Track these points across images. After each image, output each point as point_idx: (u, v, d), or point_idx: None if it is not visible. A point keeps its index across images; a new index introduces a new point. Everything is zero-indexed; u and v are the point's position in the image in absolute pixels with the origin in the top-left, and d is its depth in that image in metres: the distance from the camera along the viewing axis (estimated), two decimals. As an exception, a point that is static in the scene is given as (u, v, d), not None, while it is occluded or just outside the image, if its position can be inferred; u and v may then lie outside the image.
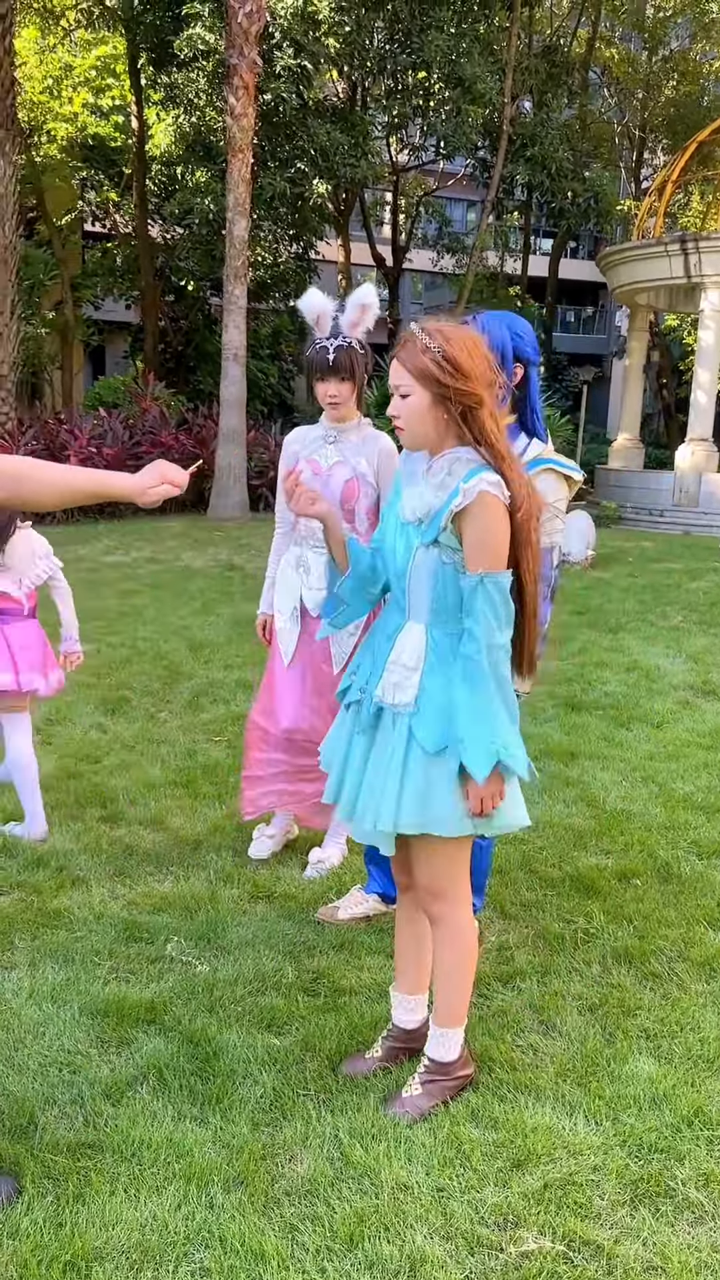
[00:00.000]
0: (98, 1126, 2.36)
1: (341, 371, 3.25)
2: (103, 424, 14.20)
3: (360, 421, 3.42)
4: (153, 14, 17.46)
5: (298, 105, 16.36)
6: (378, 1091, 2.51)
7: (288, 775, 3.59)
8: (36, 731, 5.03)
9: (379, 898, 3.30)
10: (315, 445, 3.44)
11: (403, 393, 2.22)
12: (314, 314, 3.28)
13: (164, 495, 2.15)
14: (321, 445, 3.43)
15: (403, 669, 2.32)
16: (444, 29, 16.84)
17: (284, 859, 3.77)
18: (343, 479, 3.38)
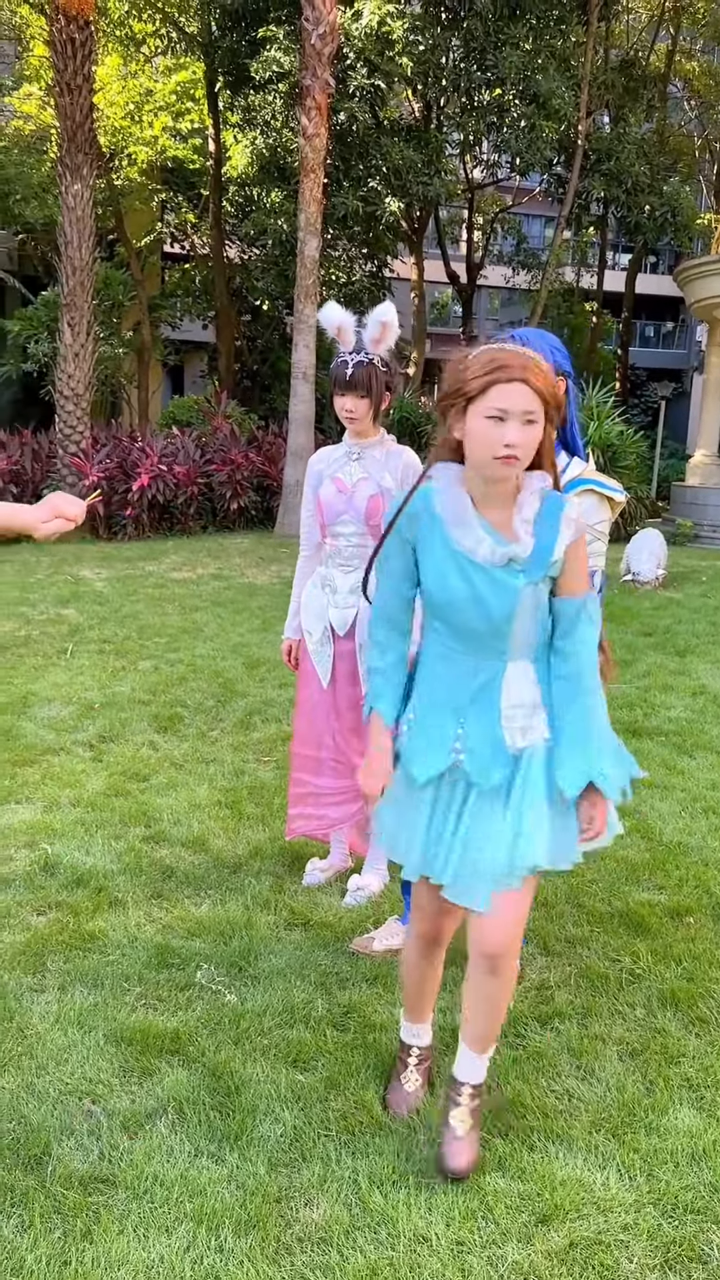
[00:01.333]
0: (113, 1160, 2.31)
1: (359, 388, 3.22)
2: (174, 442, 14.36)
3: (382, 437, 3.40)
4: (230, 39, 17.71)
5: (371, 124, 16.42)
6: (400, 1134, 2.41)
7: (315, 798, 3.60)
8: (89, 748, 5.07)
9: None
10: (339, 463, 3.42)
11: (530, 419, 2.04)
12: (333, 327, 3.26)
13: (59, 529, 2.21)
14: (345, 462, 3.41)
15: (525, 711, 2.21)
16: (519, 45, 16.76)
17: (325, 886, 3.70)
18: (367, 494, 3.36)
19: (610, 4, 19.91)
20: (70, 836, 4.02)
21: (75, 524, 2.25)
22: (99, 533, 13.45)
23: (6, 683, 6.17)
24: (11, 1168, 2.27)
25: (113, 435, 14.87)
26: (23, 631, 7.62)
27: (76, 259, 13.75)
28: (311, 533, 3.55)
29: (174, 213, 23.41)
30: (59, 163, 13.91)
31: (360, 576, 3.41)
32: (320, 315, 3.29)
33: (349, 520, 3.37)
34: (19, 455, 14.14)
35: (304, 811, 3.63)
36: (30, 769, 4.76)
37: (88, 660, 6.81)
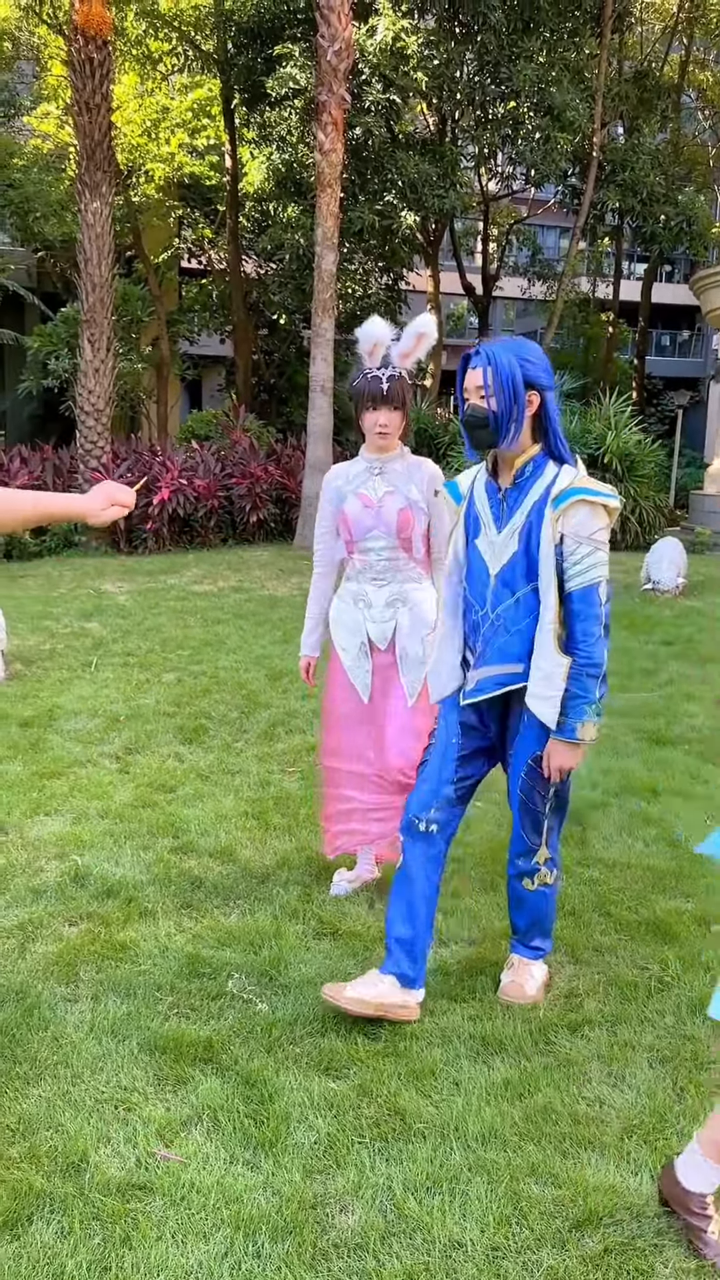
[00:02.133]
0: (149, 1168, 2.34)
1: (394, 401, 3.26)
2: (194, 456, 14.46)
3: (402, 450, 3.43)
4: (245, 56, 17.86)
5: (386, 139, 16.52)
6: (435, 1139, 2.43)
7: (360, 814, 3.61)
8: (115, 760, 5.11)
9: (395, 980, 2.88)
10: (361, 478, 3.43)
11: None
12: (371, 343, 3.28)
13: (115, 515, 2.30)
14: (368, 477, 3.42)
15: None
16: (533, 58, 16.83)
17: (352, 895, 3.72)
18: (396, 508, 3.39)
19: (623, 16, 19.97)
20: (99, 847, 4.06)
21: (128, 510, 2.33)
22: (120, 546, 13.54)
23: (33, 696, 6.23)
24: (50, 1175, 2.30)
25: (133, 449, 14.99)
26: (47, 645, 7.69)
27: (96, 275, 13.88)
28: (328, 550, 3.57)
29: (191, 228, 23.59)
30: (78, 180, 14.07)
31: (395, 589, 3.47)
32: (361, 331, 3.29)
33: (379, 535, 3.39)
34: (40, 470, 14.26)
35: (348, 828, 3.64)
36: (58, 781, 4.81)
37: (112, 673, 6.86)
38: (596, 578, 2.73)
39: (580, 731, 2.76)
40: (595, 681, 2.74)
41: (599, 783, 4.88)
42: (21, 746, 5.29)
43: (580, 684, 2.74)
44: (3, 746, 5.28)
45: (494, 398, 2.69)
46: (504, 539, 2.81)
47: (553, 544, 2.72)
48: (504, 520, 2.82)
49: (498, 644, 2.84)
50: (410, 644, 3.46)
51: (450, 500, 2.99)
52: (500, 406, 2.69)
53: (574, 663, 2.73)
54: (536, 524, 2.76)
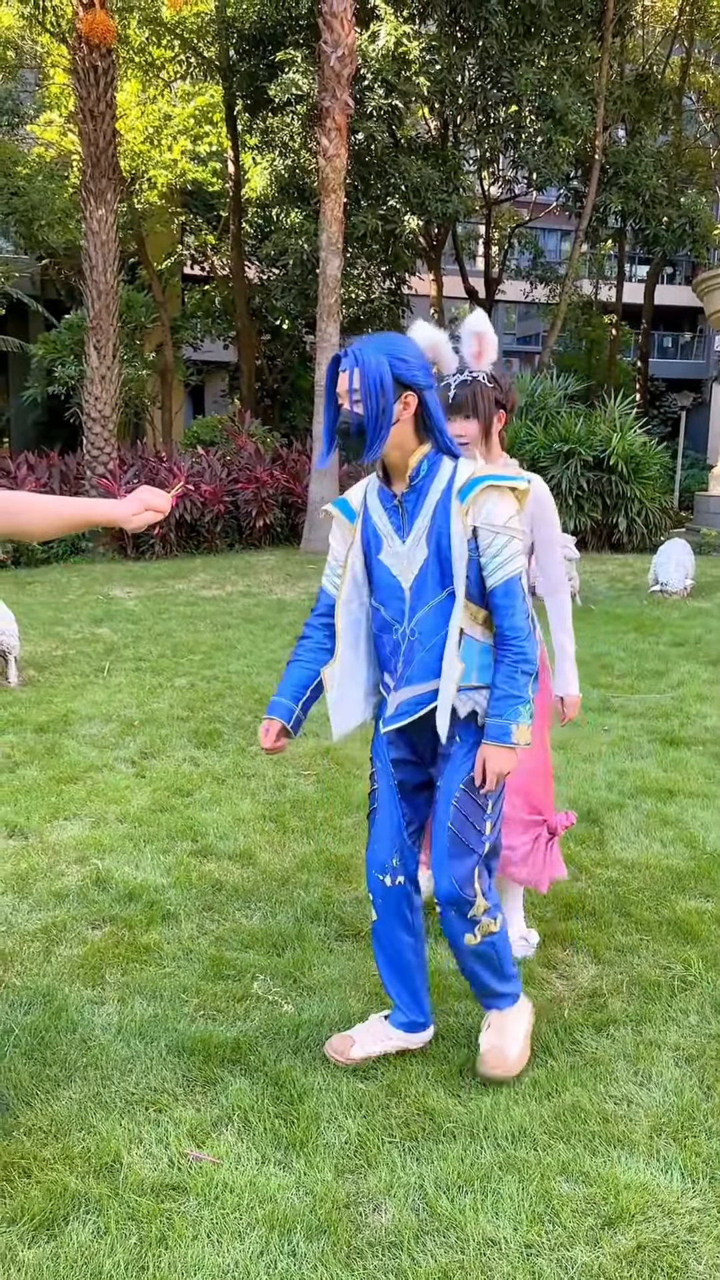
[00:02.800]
0: (182, 1168, 2.35)
1: (465, 409, 2.98)
2: (201, 461, 14.50)
3: (503, 462, 3.13)
4: (248, 62, 17.93)
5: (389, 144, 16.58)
6: (464, 1139, 2.44)
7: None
8: (131, 764, 5.13)
9: (404, 1030, 2.76)
10: None
11: None
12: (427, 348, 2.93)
13: (149, 521, 2.33)
14: None
15: None
16: (535, 62, 16.89)
17: (372, 897, 3.73)
18: None
19: (624, 19, 20.03)
20: (119, 851, 4.07)
21: (163, 515, 2.36)
22: (127, 552, 13.57)
23: (47, 701, 6.25)
24: (84, 1175, 2.32)
25: (139, 456, 15.03)
26: (60, 651, 7.71)
27: (101, 283, 13.93)
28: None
29: (194, 235, 23.66)
30: (82, 188, 14.13)
31: None
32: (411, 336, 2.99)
33: None
34: (48, 477, 14.30)
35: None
36: (75, 786, 4.83)
37: (125, 678, 6.88)
38: (517, 568, 2.53)
39: (515, 734, 2.51)
40: (529, 680, 2.54)
41: (615, 784, 4.90)
42: (38, 751, 5.31)
43: (514, 683, 2.51)
44: (20, 751, 5.31)
45: (360, 403, 2.43)
46: (410, 548, 2.57)
47: (464, 540, 2.49)
48: (406, 528, 2.58)
49: (418, 660, 2.60)
50: None
51: (342, 519, 2.68)
52: (368, 410, 2.42)
53: (505, 660, 2.52)
54: (444, 523, 2.53)
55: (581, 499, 14.10)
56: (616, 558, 13.32)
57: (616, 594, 10.61)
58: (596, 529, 14.32)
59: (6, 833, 4.29)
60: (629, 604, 9.91)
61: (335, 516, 2.72)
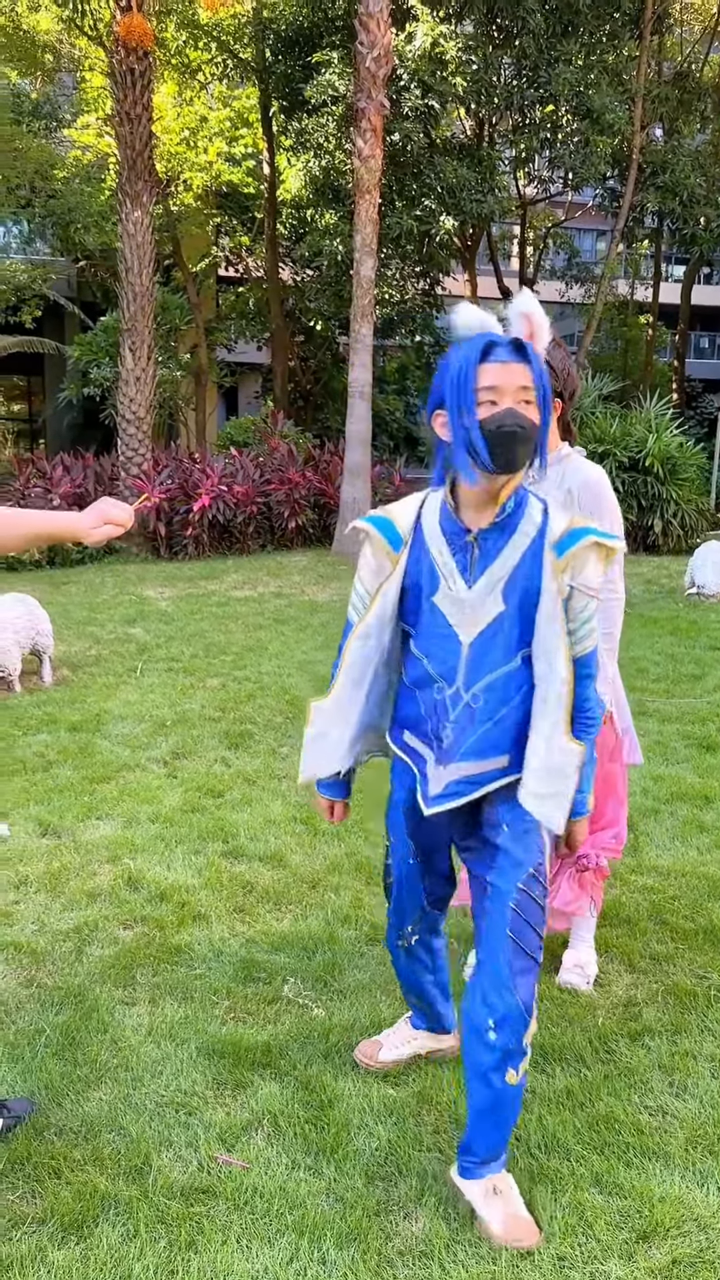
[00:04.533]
0: (211, 1171, 2.34)
1: None
2: (234, 463, 14.53)
3: (562, 452, 2.89)
4: (284, 64, 17.95)
5: (425, 144, 16.53)
6: (496, 1150, 2.41)
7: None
8: (163, 764, 5.14)
9: (428, 1031, 2.74)
10: None
11: None
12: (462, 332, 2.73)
13: (109, 534, 2.26)
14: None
15: None
16: (572, 62, 16.77)
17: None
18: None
19: (663, 18, 19.86)
20: (151, 851, 4.08)
21: (124, 528, 2.28)
22: (160, 552, 13.63)
23: (80, 701, 6.28)
24: (114, 1177, 2.31)
25: (173, 457, 15.08)
26: (93, 651, 7.75)
27: (137, 284, 14.00)
28: None
29: (229, 236, 23.72)
30: (119, 190, 14.20)
31: None
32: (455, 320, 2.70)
33: None
34: (83, 478, 14.39)
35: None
36: (108, 785, 4.84)
37: (157, 678, 6.90)
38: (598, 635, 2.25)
39: (590, 800, 2.30)
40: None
41: (650, 789, 4.84)
42: (71, 751, 5.33)
43: (590, 752, 2.23)
44: (53, 750, 5.33)
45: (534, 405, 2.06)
46: (480, 595, 2.14)
47: (559, 600, 2.10)
48: (476, 571, 2.14)
49: (479, 734, 2.18)
50: None
51: (382, 542, 2.23)
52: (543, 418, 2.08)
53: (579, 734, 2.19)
54: (533, 576, 2.13)
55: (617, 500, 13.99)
56: (652, 560, 13.20)
57: (652, 597, 10.51)
58: (632, 531, 14.19)
59: (40, 831, 4.30)
60: (665, 607, 9.81)
61: (371, 537, 2.25)
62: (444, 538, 2.18)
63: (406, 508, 2.26)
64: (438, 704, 2.21)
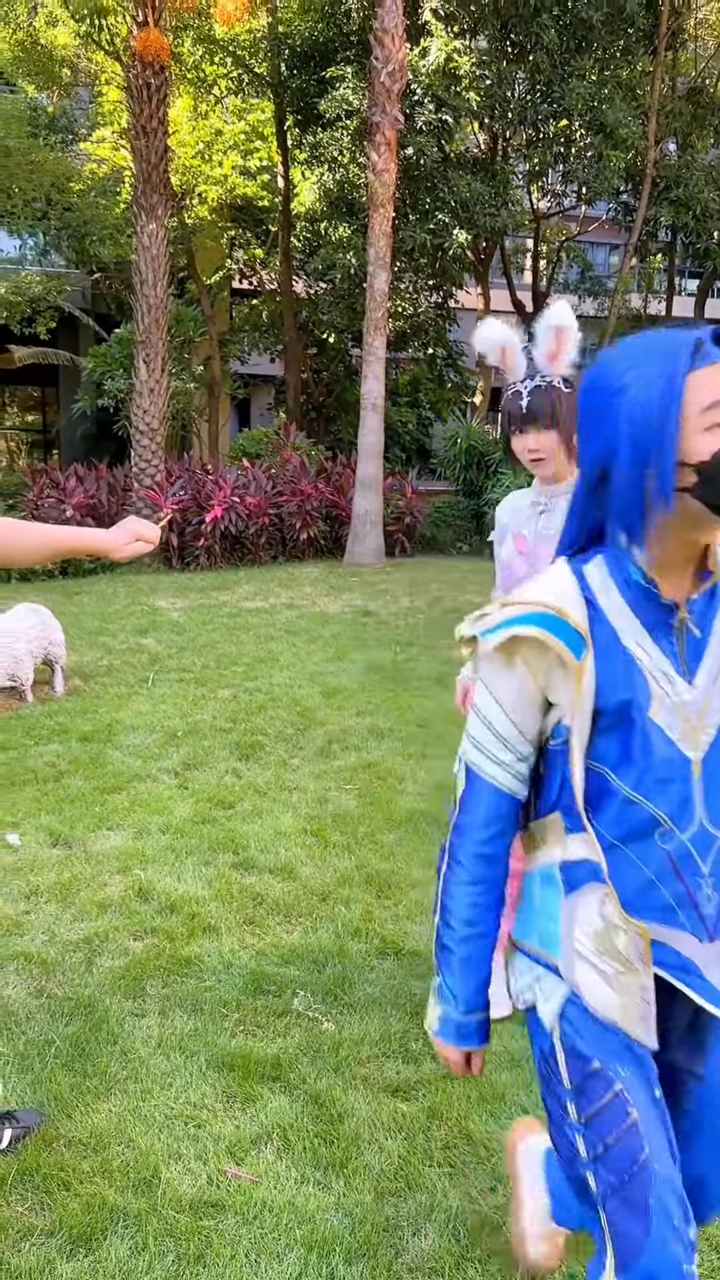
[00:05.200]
0: (220, 1185, 2.34)
1: (541, 418, 2.54)
2: (246, 474, 14.57)
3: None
4: (299, 78, 18.07)
5: (439, 158, 16.61)
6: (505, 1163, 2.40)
7: None
8: (174, 775, 5.15)
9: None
10: (524, 515, 2.71)
11: None
12: (495, 350, 2.60)
13: (138, 551, 2.29)
14: (532, 515, 2.69)
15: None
16: (586, 77, 16.84)
17: (417, 918, 3.70)
18: (548, 558, 2.56)
19: (677, 34, 19.93)
20: (161, 862, 4.08)
21: (152, 546, 2.35)
22: (172, 563, 13.66)
23: (92, 711, 6.29)
24: (123, 1190, 2.31)
25: (186, 468, 15.13)
26: (105, 661, 7.77)
27: (152, 297, 14.07)
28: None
29: (243, 249, 23.85)
30: (134, 203, 14.30)
31: None
32: (476, 339, 2.64)
33: None
34: (96, 489, 14.45)
35: None
36: (119, 796, 4.85)
37: (168, 689, 6.91)
38: None
39: None
40: None
41: None
42: (82, 761, 5.34)
43: None
44: (65, 760, 5.34)
45: None
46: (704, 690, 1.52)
47: None
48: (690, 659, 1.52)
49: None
50: None
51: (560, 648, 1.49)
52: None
53: None
54: None
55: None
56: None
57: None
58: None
59: (51, 841, 4.31)
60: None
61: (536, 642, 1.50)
62: (637, 620, 1.51)
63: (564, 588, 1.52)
64: (675, 857, 1.51)
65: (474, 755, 1.59)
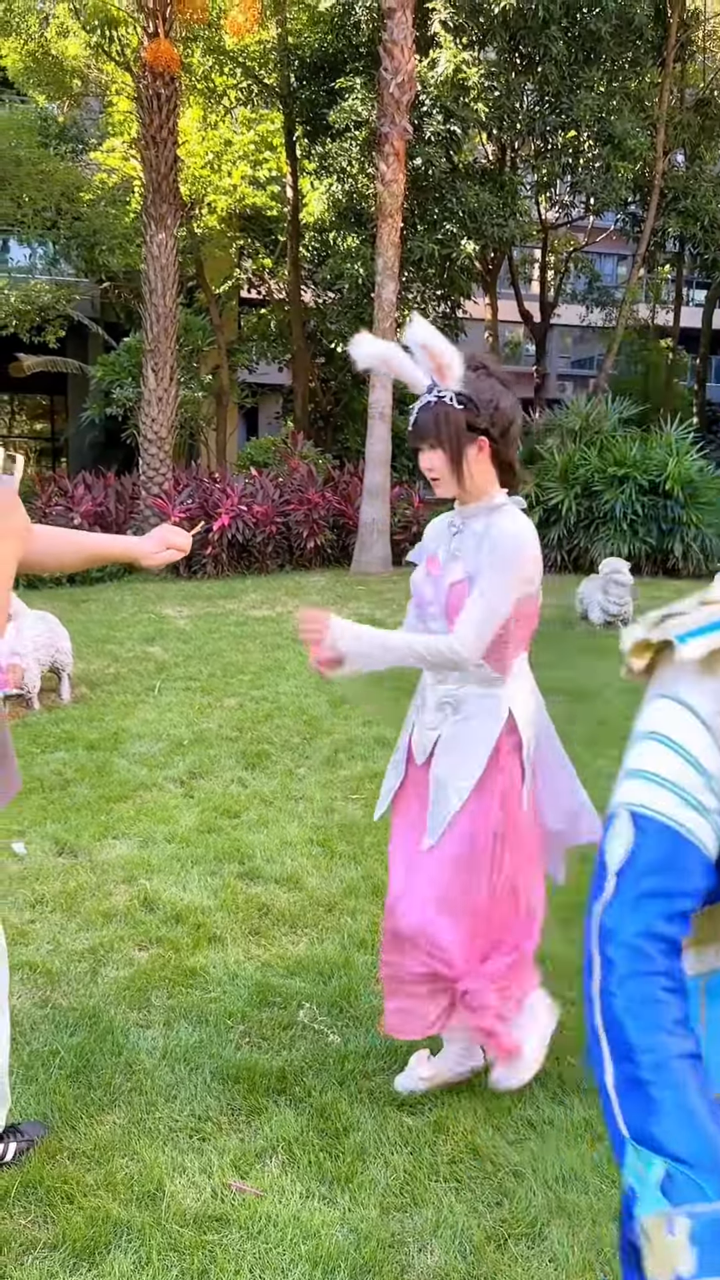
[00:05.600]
0: (225, 1199, 2.32)
1: (427, 436, 2.42)
2: (253, 483, 14.59)
3: (494, 501, 2.48)
4: (308, 89, 18.15)
5: (447, 169, 16.66)
6: (512, 1180, 2.38)
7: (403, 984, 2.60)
8: (180, 784, 5.14)
9: None
10: (442, 537, 2.58)
11: None
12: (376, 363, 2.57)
13: (169, 559, 2.34)
14: (447, 537, 2.56)
15: None
16: (594, 88, 16.90)
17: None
18: (449, 581, 2.47)
19: (685, 46, 19.98)
20: (167, 872, 4.07)
21: (184, 553, 2.39)
22: (179, 571, 13.68)
23: (99, 719, 6.29)
24: (126, 1203, 2.29)
25: (194, 477, 15.17)
26: (112, 669, 7.77)
27: (160, 306, 14.12)
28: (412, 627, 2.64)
29: (251, 259, 23.93)
30: (143, 213, 14.36)
31: (451, 690, 2.52)
32: (353, 352, 2.58)
33: (437, 615, 2.49)
34: (104, 497, 14.49)
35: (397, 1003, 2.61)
36: (124, 804, 4.84)
37: (175, 697, 6.91)
38: None
39: None
40: None
41: None
42: (89, 769, 5.34)
43: None
44: (71, 769, 5.34)
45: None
46: None
47: None
48: None
49: None
50: (445, 765, 2.51)
51: None
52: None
53: None
54: None
55: (636, 524, 13.97)
56: (672, 583, 13.14)
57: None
58: (651, 554, 14.16)
59: (57, 850, 4.30)
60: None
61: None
62: None
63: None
64: None
65: (650, 796, 1.10)
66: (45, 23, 18.00)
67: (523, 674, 2.57)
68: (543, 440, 15.45)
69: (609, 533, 13.99)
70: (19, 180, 16.35)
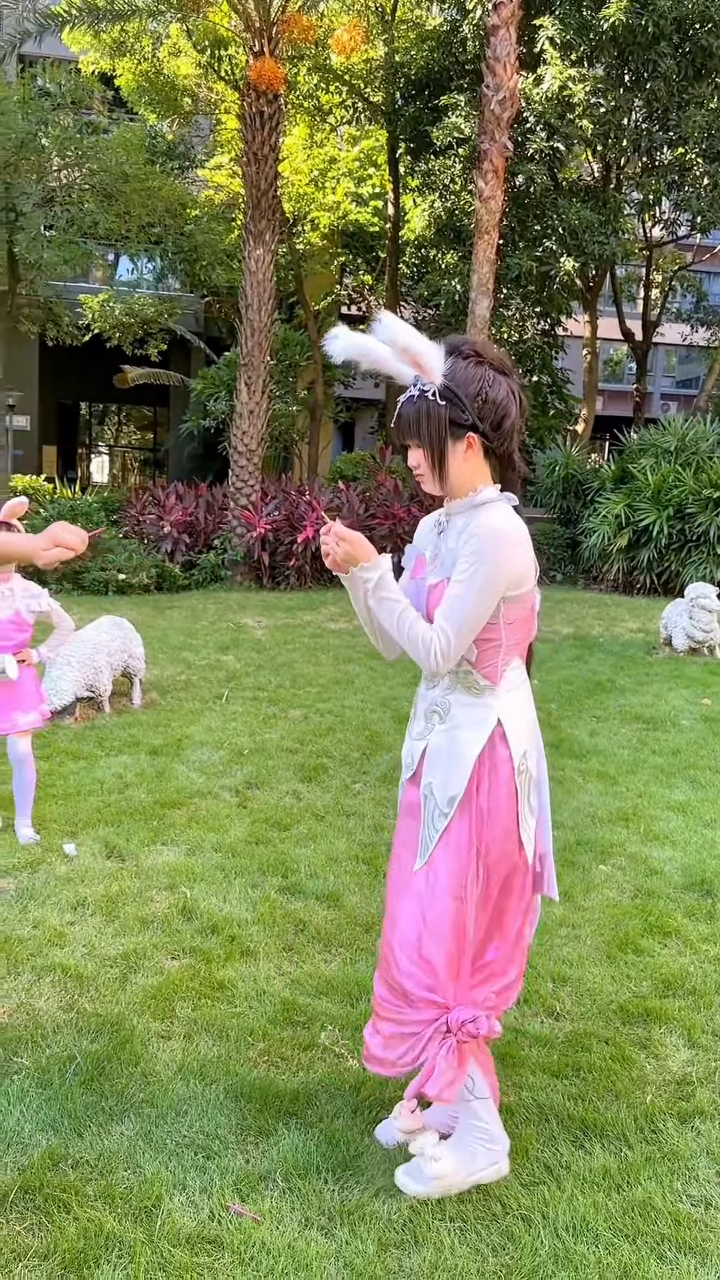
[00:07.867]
0: (221, 1221, 2.27)
1: (408, 431, 2.30)
2: (340, 496, 14.64)
3: (479, 498, 2.33)
4: (412, 107, 18.22)
5: (549, 185, 16.53)
6: (520, 1225, 2.28)
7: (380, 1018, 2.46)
8: (235, 793, 5.14)
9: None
10: (430, 536, 2.47)
11: None
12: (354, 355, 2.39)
13: (59, 557, 2.29)
14: (434, 536, 2.45)
15: None
16: (704, 105, 16.57)
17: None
18: (430, 582, 2.37)
19: None
20: (209, 881, 4.06)
21: (75, 552, 2.33)
22: (263, 582, 13.79)
23: (165, 725, 6.34)
24: (122, 1217, 2.26)
25: (281, 489, 15.29)
26: (184, 676, 7.84)
27: (256, 321, 14.29)
28: None
29: (352, 275, 24.11)
30: (244, 229, 14.57)
31: (438, 697, 2.38)
32: (329, 345, 2.42)
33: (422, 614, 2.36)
34: (194, 507, 14.72)
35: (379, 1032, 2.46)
36: (178, 811, 4.85)
37: (241, 706, 6.93)
38: None
39: None
40: None
41: (733, 852, 4.61)
42: (149, 775, 5.37)
43: None
44: (131, 773, 5.39)
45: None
46: None
47: None
48: None
49: None
50: (431, 779, 2.35)
51: None
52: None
53: None
54: None
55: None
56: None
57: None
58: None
59: (106, 853, 4.33)
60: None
61: None
62: None
63: None
64: None
65: None
66: (158, 44, 18.45)
67: (518, 685, 2.40)
68: (636, 459, 15.15)
69: (701, 556, 13.61)
70: (125, 196, 16.76)
